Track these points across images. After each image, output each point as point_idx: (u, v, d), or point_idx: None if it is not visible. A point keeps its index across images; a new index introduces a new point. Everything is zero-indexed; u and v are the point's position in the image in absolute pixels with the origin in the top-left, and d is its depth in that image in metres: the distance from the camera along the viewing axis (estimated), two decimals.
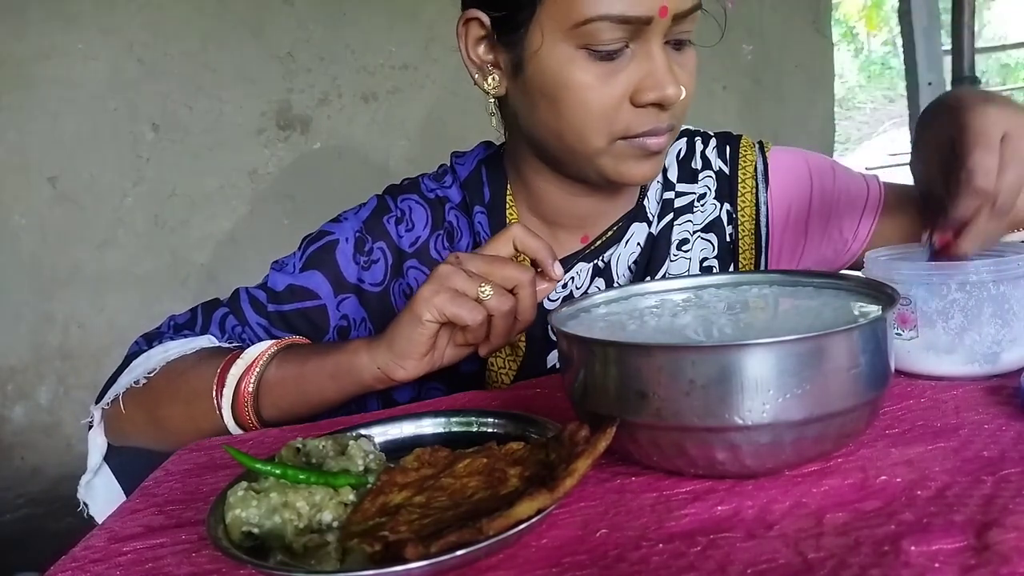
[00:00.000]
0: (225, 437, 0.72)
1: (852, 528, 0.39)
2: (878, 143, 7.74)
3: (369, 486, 0.46)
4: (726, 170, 0.89)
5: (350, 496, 0.45)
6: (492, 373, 0.84)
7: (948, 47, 2.56)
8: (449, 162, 0.90)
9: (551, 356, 0.84)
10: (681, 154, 0.90)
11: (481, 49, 0.76)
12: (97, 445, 0.82)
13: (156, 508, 0.53)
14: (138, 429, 0.79)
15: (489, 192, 0.85)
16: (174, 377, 0.76)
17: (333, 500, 0.44)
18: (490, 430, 0.55)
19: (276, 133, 1.89)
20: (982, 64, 3.27)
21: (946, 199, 0.60)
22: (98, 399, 0.82)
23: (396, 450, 0.53)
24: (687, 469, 0.46)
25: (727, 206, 0.88)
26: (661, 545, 0.39)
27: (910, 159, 0.67)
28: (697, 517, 0.42)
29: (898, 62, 4.90)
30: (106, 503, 0.81)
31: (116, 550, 0.46)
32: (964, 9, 2.42)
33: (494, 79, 0.76)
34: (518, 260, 0.71)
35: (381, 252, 0.85)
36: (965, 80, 2.44)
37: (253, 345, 0.74)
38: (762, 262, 0.88)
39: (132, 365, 0.80)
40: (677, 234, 0.86)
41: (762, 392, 0.41)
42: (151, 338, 0.85)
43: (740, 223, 0.88)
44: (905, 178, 0.84)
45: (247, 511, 0.43)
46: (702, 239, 0.87)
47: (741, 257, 0.88)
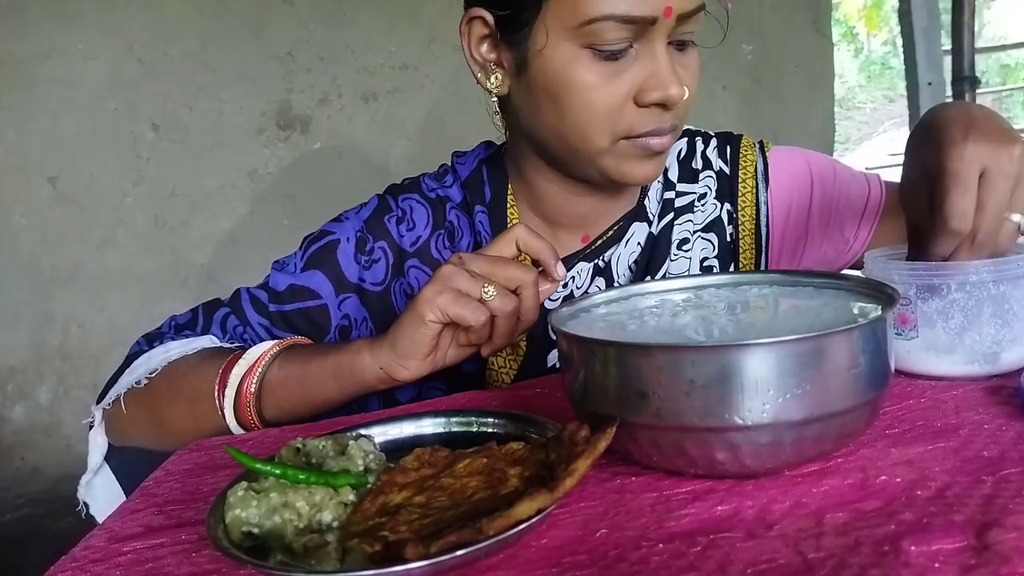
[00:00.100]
0: (225, 437, 0.72)
1: (852, 528, 0.39)
2: (878, 143, 7.74)
3: (369, 486, 0.46)
4: (727, 170, 0.89)
5: (350, 496, 0.45)
6: (493, 372, 0.84)
7: (948, 47, 2.56)
8: (450, 162, 0.90)
9: (552, 355, 0.84)
10: (682, 154, 0.90)
11: (484, 48, 0.76)
12: (98, 445, 0.82)
13: (156, 508, 0.53)
14: (139, 429, 0.79)
15: (490, 192, 0.86)
16: (176, 377, 0.76)
17: (333, 500, 0.44)
18: (490, 430, 0.55)
19: (276, 133, 1.89)
20: (982, 64, 3.27)
21: (928, 236, 0.60)
22: (99, 399, 0.82)
23: (396, 450, 0.53)
24: (687, 469, 0.46)
25: (727, 206, 0.88)
26: (661, 545, 0.39)
27: (899, 186, 0.67)
28: (697, 517, 0.42)
29: (898, 62, 4.90)
30: (106, 503, 0.81)
31: (116, 550, 0.46)
32: (964, 9, 2.42)
33: (497, 78, 0.76)
34: (521, 260, 0.71)
35: (382, 251, 0.85)
36: (965, 80, 2.44)
37: (255, 345, 0.74)
38: (762, 262, 0.88)
39: (133, 365, 0.80)
40: (677, 234, 0.86)
41: (762, 392, 0.41)
42: (152, 338, 0.85)
43: (740, 223, 0.88)
44: None
45: (247, 511, 0.43)
46: (702, 239, 0.87)
47: (741, 257, 0.88)
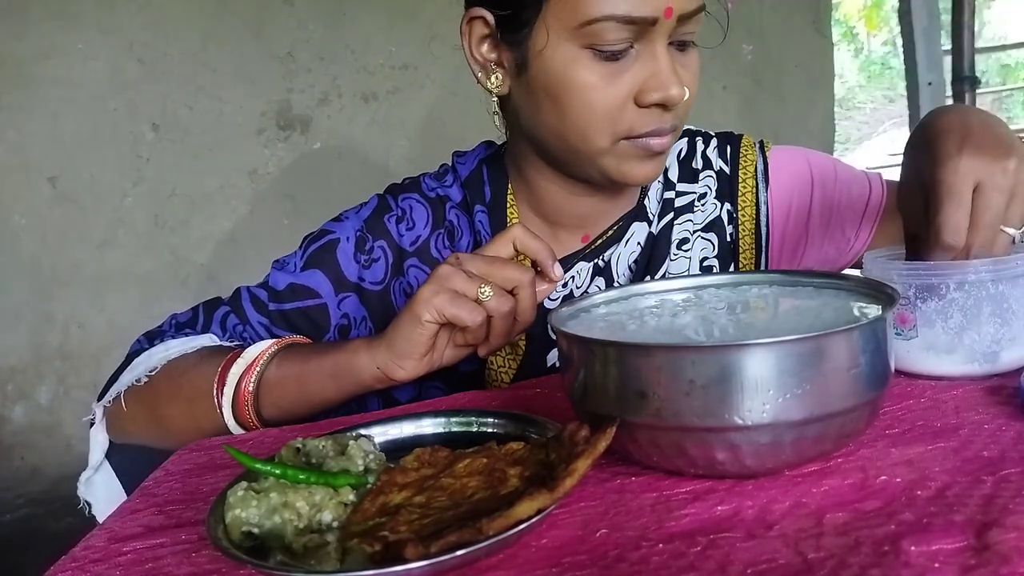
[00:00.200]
0: (225, 437, 0.72)
1: (852, 528, 0.39)
2: (878, 143, 7.74)
3: (369, 486, 0.46)
4: (727, 170, 0.89)
5: (350, 496, 0.45)
6: (492, 372, 0.84)
7: (948, 47, 2.56)
8: (450, 161, 0.90)
9: (551, 355, 0.84)
10: (682, 154, 0.90)
11: (485, 48, 0.76)
12: (99, 442, 0.83)
13: (156, 508, 0.52)
14: (139, 427, 0.79)
15: (490, 191, 0.86)
16: (175, 376, 0.76)
17: (333, 500, 0.44)
18: (490, 430, 0.55)
19: (276, 133, 1.89)
20: (982, 64, 3.27)
21: (922, 247, 0.60)
22: (100, 397, 0.82)
23: (396, 450, 0.53)
24: (687, 469, 0.46)
25: (727, 206, 0.88)
26: (661, 545, 0.39)
27: (896, 193, 0.67)
28: (697, 517, 0.42)
29: (898, 62, 4.90)
30: (106, 501, 0.81)
31: (116, 550, 0.46)
32: (964, 9, 2.42)
33: (497, 78, 0.76)
34: (518, 261, 0.71)
35: (382, 251, 0.85)
36: (965, 80, 2.44)
37: (254, 344, 0.74)
38: (762, 261, 0.88)
39: (134, 363, 0.81)
40: (677, 233, 0.86)
41: (762, 392, 0.41)
42: (153, 336, 0.85)
43: (740, 223, 0.88)
44: None
45: (247, 511, 0.43)
46: (702, 238, 0.87)
47: (741, 256, 0.88)
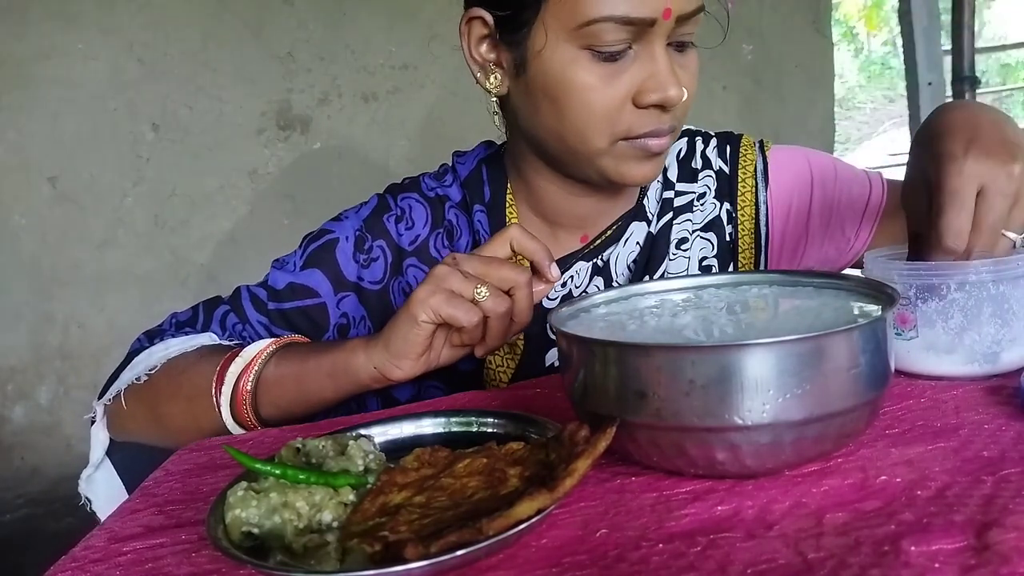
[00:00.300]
0: (225, 437, 0.72)
1: (852, 528, 0.39)
2: (878, 143, 7.74)
3: (369, 486, 0.46)
4: (726, 169, 0.89)
5: (350, 496, 0.45)
6: (490, 371, 0.84)
7: (948, 47, 2.56)
8: (450, 161, 0.90)
9: (549, 355, 0.84)
10: (681, 154, 0.90)
11: (484, 48, 0.76)
12: (99, 440, 0.83)
13: (156, 508, 0.52)
14: (139, 425, 0.80)
15: (489, 191, 0.86)
16: (175, 374, 0.76)
17: (333, 500, 0.44)
18: (490, 430, 0.55)
19: (276, 133, 1.89)
20: (982, 64, 3.27)
21: (924, 247, 0.60)
22: (100, 395, 0.82)
23: (396, 450, 0.53)
24: (687, 469, 0.46)
25: (727, 205, 0.88)
26: (661, 545, 0.39)
27: (901, 190, 0.67)
28: (697, 517, 0.42)
29: (898, 62, 4.90)
30: (107, 499, 0.81)
31: (116, 550, 0.46)
32: (964, 9, 2.42)
33: (496, 78, 0.76)
34: (515, 261, 0.71)
35: (381, 250, 0.85)
36: (965, 80, 2.44)
37: (252, 343, 0.74)
38: (762, 261, 0.88)
39: (134, 362, 0.81)
40: (676, 233, 0.86)
41: (762, 392, 0.41)
42: (153, 335, 0.85)
43: (740, 222, 0.88)
44: None
45: (247, 511, 0.43)
46: (701, 238, 0.87)
47: (740, 256, 0.88)
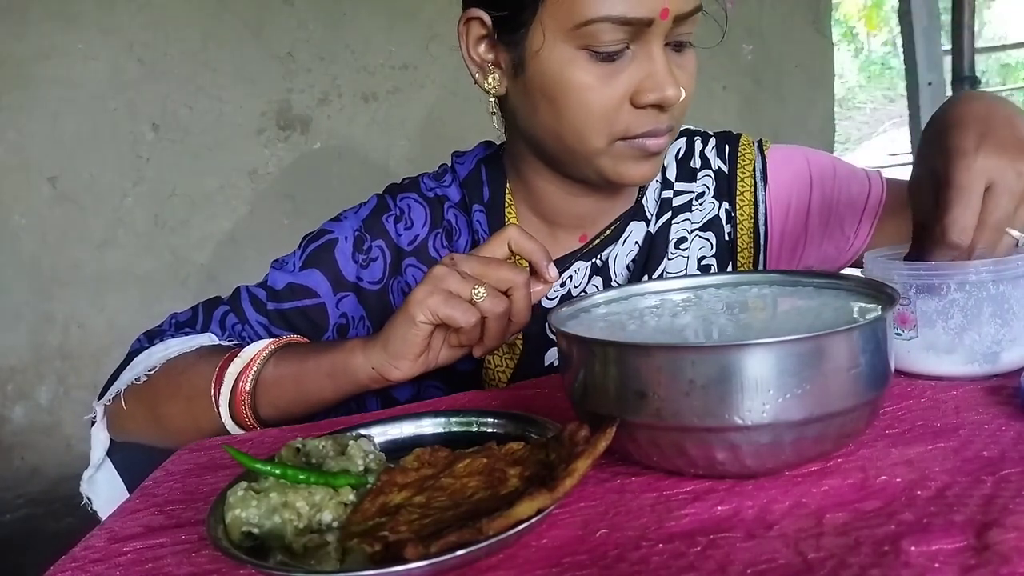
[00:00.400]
0: (225, 437, 0.72)
1: (852, 528, 0.39)
2: (878, 143, 7.74)
3: (369, 486, 0.46)
4: (725, 169, 0.89)
5: (350, 496, 0.45)
6: (489, 371, 0.84)
7: (948, 47, 2.55)
8: (450, 161, 0.91)
9: (548, 354, 0.84)
10: (680, 153, 0.90)
11: (482, 48, 0.76)
12: (100, 440, 0.83)
13: (156, 508, 0.52)
14: (139, 426, 0.80)
15: (488, 191, 0.86)
16: (174, 375, 0.76)
17: (333, 500, 0.44)
18: (490, 430, 0.55)
19: (276, 133, 1.89)
20: (982, 64, 3.27)
21: (928, 241, 0.59)
22: (100, 395, 0.82)
23: (396, 450, 0.53)
24: (687, 469, 0.46)
25: (726, 205, 0.88)
26: (661, 545, 0.39)
27: (909, 181, 0.66)
28: (697, 517, 0.42)
29: (898, 62, 4.90)
30: (108, 499, 0.81)
31: (116, 550, 0.46)
32: (964, 9, 2.42)
33: (494, 78, 0.76)
34: (513, 262, 0.71)
35: (380, 250, 0.85)
36: (965, 80, 2.44)
37: (251, 344, 0.74)
38: (760, 260, 0.88)
39: (134, 362, 0.81)
40: (675, 232, 0.86)
41: (762, 392, 0.41)
42: (153, 335, 0.85)
43: (739, 222, 0.88)
44: (906, 177, 0.83)
45: (247, 511, 0.43)
46: (700, 238, 0.87)
47: (739, 256, 0.88)
